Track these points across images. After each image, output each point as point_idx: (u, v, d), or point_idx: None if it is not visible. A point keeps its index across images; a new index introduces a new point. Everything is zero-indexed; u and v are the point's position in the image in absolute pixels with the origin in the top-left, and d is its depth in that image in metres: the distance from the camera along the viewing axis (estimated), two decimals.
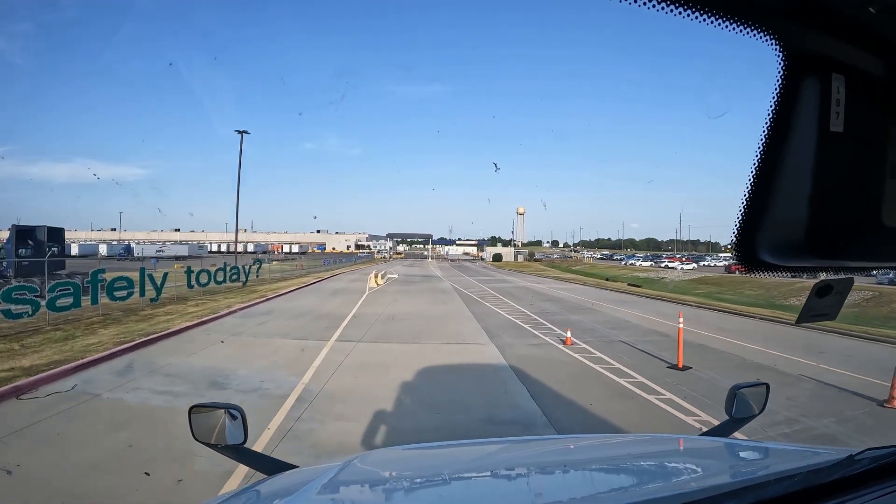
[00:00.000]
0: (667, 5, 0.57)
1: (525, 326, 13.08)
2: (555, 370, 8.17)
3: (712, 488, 1.01)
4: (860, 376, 7.93)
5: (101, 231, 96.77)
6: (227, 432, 1.59)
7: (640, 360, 9.10)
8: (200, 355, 8.96)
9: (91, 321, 12.03)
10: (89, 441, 4.88)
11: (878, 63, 0.64)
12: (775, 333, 12.70)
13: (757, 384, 1.83)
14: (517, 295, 23.41)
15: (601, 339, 11.32)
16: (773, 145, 0.64)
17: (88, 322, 11.90)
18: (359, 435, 5.21)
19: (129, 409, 5.90)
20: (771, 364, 8.88)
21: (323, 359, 8.67)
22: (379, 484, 1.41)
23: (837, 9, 0.60)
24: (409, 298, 20.59)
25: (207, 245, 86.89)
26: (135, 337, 10.13)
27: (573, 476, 1.43)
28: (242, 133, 35.21)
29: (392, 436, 5.25)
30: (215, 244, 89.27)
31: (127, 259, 55.51)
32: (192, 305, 16.14)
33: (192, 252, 70.42)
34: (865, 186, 0.66)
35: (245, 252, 75.81)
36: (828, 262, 0.70)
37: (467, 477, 1.48)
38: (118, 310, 13.88)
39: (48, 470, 4.28)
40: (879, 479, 0.90)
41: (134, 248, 67.69)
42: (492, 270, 57.23)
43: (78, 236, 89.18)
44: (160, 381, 7.14)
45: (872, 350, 10.63)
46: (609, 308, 18.13)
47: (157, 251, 67.55)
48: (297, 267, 44.08)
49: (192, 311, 14.84)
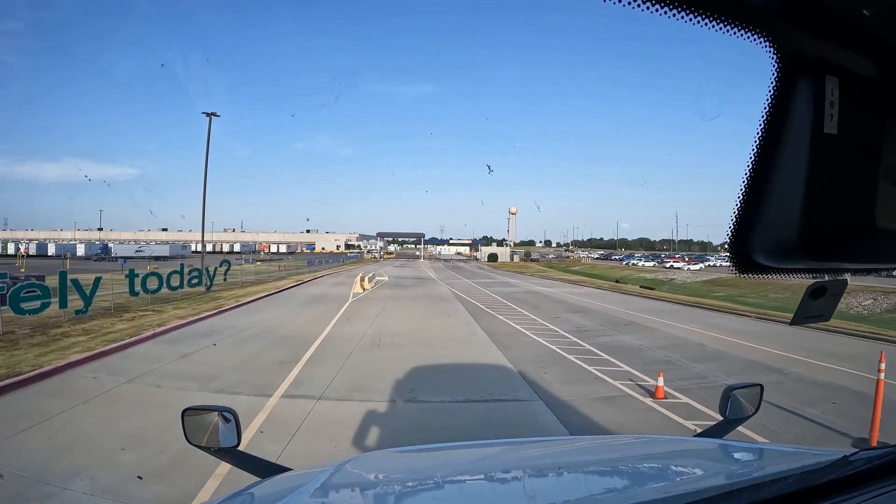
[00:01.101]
0: (661, 7, 0.56)
1: (569, 357, 9.10)
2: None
3: (707, 490, 1.00)
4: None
5: (88, 231, 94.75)
6: (220, 435, 1.56)
7: (810, 435, 5.19)
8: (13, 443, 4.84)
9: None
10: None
11: (871, 65, 0.64)
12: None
13: (751, 385, 1.83)
14: (532, 303, 19.46)
15: (700, 383, 7.36)
16: (768, 147, 0.63)
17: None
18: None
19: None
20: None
21: (245, 448, 4.60)
22: (372, 487, 1.40)
23: (831, 11, 0.60)
24: (401, 309, 16.52)
25: (191, 245, 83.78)
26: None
27: (568, 478, 1.43)
28: (211, 116, 30.94)
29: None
30: (200, 244, 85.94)
31: (105, 259, 52.53)
32: (125, 320, 12.31)
33: (175, 252, 67.41)
34: (859, 188, 0.66)
35: (230, 252, 74.60)
36: (822, 263, 0.70)
37: (461, 480, 1.47)
38: (25, 325, 10.54)
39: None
40: (874, 480, 0.90)
41: (112, 248, 63.99)
42: (489, 271, 53.20)
43: (63, 236, 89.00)
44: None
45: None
46: (657, 322, 14.24)
47: (136, 251, 64.36)
48: (280, 268, 40.08)
49: (116, 329, 10.95)
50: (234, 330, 11.57)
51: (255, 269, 34.84)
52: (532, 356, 9.18)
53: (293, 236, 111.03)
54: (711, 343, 11.05)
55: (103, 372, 7.50)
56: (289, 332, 11.49)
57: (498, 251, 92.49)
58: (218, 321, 13.27)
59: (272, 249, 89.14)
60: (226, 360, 8.55)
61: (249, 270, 35.96)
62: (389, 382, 7.05)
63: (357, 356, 8.91)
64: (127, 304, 15.00)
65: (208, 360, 8.54)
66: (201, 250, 31.85)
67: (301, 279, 30.84)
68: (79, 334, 10.22)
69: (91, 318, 12.24)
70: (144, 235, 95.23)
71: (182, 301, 17.11)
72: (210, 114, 31.05)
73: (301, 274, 36.93)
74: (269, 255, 74.43)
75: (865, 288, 21.33)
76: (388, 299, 19.56)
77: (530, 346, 10.22)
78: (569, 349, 9.85)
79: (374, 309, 16.17)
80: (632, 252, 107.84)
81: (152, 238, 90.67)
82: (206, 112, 31.10)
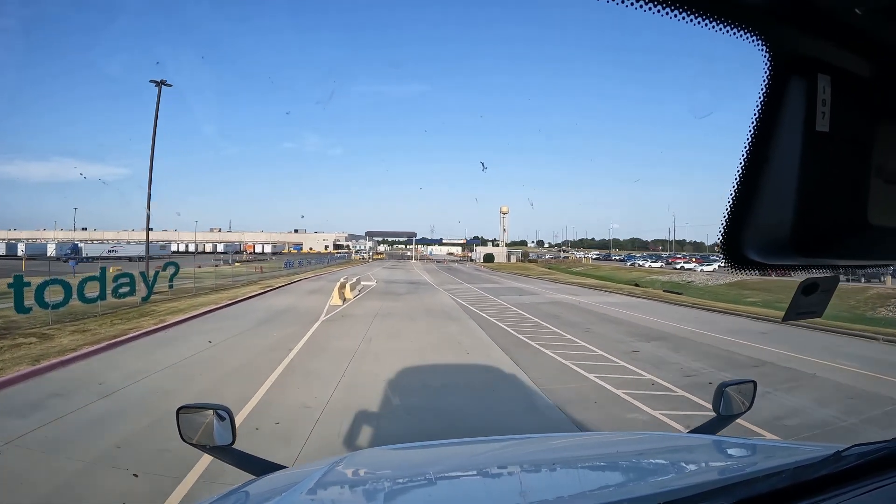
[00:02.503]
0: (654, 5, 0.56)
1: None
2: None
3: (701, 485, 0.99)
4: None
5: (71, 231, 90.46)
6: (215, 433, 1.54)
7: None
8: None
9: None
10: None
11: (863, 64, 0.64)
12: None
13: (744, 381, 1.82)
14: (571, 320, 14.28)
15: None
16: (760, 145, 0.63)
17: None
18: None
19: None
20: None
21: None
22: (366, 484, 1.38)
23: (823, 10, 0.60)
24: (394, 338, 11.17)
25: (172, 245, 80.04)
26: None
27: (562, 474, 1.40)
28: (160, 84, 25.33)
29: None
30: (184, 244, 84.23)
31: (73, 260, 49.96)
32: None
33: (152, 252, 66.17)
34: (851, 185, 0.66)
35: (213, 252, 71.88)
36: (814, 260, 0.70)
37: (454, 476, 1.45)
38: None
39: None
40: (867, 475, 0.90)
41: (82, 248, 59.86)
42: (490, 274, 47.98)
43: (45, 236, 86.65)
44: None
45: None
46: (787, 358, 9.19)
47: (108, 251, 60.47)
48: (256, 269, 34.65)
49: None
50: (86, 395, 6.27)
51: (232, 272, 29.69)
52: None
53: (281, 236, 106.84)
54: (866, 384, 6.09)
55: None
56: (186, 398, 6.20)
57: (494, 251, 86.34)
58: (96, 364, 8.00)
59: (257, 250, 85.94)
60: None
61: (225, 273, 30.54)
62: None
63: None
64: (5, 324, 10.77)
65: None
66: (146, 253, 26.14)
67: (272, 285, 25.41)
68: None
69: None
70: (128, 235, 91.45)
71: (99, 319, 12.40)
72: (159, 82, 25.54)
73: (276, 278, 31.58)
74: (252, 256, 71.73)
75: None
76: (375, 316, 14.26)
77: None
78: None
79: (354, 336, 10.89)
80: (631, 252, 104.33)
81: (137, 238, 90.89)
82: (155, 80, 25.67)
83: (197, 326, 12.07)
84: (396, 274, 41.61)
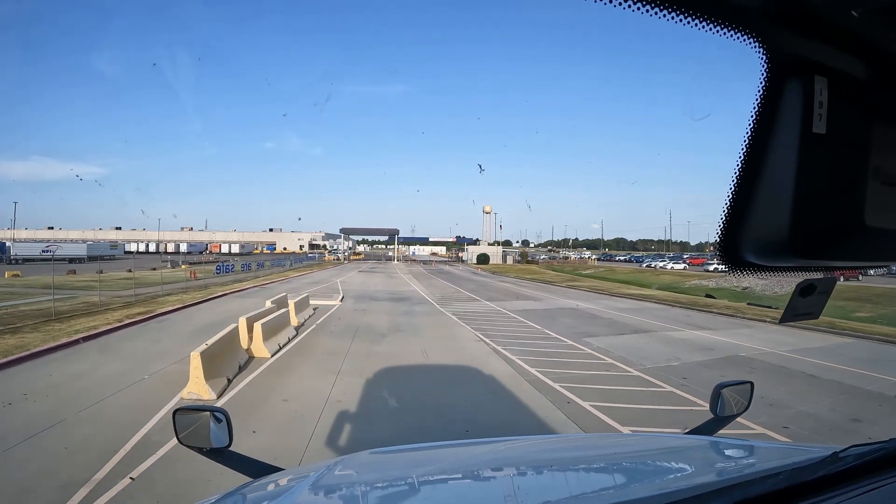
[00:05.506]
0: (651, 7, 0.56)
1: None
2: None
3: (698, 487, 0.98)
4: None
5: (36, 230, 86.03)
6: (211, 435, 1.53)
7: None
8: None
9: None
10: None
11: (860, 66, 0.64)
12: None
13: (741, 382, 1.81)
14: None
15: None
16: (757, 147, 0.63)
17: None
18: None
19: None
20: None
21: None
22: (361, 486, 1.37)
23: (820, 12, 0.60)
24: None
25: (128, 245, 72.90)
26: None
27: (557, 476, 1.39)
28: None
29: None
30: (144, 244, 79.87)
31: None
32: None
33: (98, 252, 59.10)
34: (848, 187, 0.66)
35: (175, 252, 69.17)
36: (811, 262, 0.70)
37: (450, 479, 1.43)
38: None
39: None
40: (864, 476, 0.89)
41: (10, 248, 54.09)
42: (494, 279, 38.72)
43: (20, 235, 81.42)
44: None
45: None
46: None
47: (42, 251, 53.36)
48: (191, 275, 25.44)
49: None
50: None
51: (160, 278, 20.94)
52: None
53: (254, 235, 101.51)
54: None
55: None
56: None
57: (489, 251, 77.12)
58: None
59: (223, 250, 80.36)
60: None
61: (149, 280, 22.22)
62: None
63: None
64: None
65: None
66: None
67: (152, 310, 15.95)
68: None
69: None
70: (93, 234, 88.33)
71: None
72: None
73: (212, 287, 22.41)
74: (216, 256, 64.05)
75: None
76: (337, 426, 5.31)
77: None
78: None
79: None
80: (641, 253, 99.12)
81: (104, 237, 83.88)
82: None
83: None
84: (376, 281, 32.21)
